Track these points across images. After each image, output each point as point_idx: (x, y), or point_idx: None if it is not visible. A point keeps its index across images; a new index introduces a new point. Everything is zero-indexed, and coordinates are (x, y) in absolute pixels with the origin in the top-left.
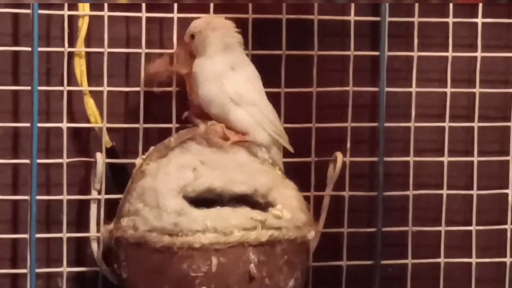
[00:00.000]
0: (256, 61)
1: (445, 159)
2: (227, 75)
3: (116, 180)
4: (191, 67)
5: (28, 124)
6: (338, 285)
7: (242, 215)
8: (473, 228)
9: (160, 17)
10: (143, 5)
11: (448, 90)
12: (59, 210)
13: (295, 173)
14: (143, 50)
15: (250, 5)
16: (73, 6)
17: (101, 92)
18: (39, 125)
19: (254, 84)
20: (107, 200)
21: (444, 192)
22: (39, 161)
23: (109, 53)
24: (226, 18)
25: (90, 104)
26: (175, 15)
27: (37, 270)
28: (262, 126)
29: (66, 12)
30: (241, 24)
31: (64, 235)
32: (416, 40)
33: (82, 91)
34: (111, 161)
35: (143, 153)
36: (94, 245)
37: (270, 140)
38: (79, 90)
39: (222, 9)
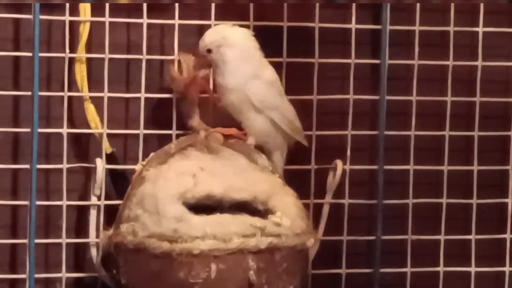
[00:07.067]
0: None
1: (445, 167)
2: (250, 84)
3: (116, 186)
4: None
5: (28, 129)
6: None
7: (241, 222)
8: (472, 237)
9: (161, 23)
10: (144, 11)
11: (449, 98)
12: (59, 215)
13: (295, 180)
14: (144, 56)
15: (251, 11)
16: (74, 12)
17: (102, 98)
18: (40, 130)
19: (276, 87)
20: (106, 206)
21: (444, 200)
22: (39, 166)
23: (110, 59)
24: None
25: (90, 110)
26: (176, 21)
27: (36, 275)
28: (282, 127)
29: (67, 18)
30: None
31: (64, 240)
32: (417, 49)
33: (82, 96)
34: (111, 167)
35: (143, 159)
36: (93, 251)
37: (281, 144)
38: (79, 95)
39: (224, 16)
